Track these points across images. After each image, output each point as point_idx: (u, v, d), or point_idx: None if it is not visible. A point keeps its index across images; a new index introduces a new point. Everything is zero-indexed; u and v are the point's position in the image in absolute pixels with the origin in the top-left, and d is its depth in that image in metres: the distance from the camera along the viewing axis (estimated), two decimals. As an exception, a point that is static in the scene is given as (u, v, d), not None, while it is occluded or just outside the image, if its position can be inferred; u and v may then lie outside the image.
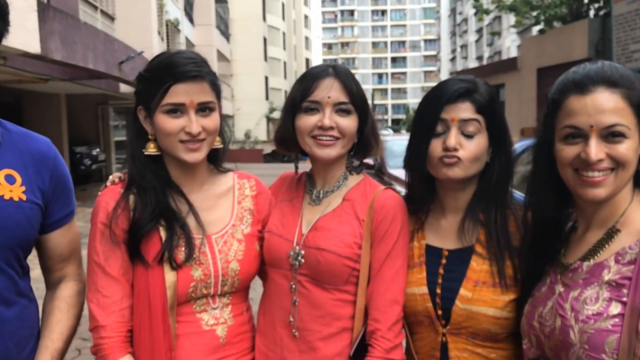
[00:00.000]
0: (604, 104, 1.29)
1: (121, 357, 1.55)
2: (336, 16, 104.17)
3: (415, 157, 1.66)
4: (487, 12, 13.20)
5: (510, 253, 1.58)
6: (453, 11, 69.83)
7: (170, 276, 1.58)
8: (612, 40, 10.35)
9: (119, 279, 1.59)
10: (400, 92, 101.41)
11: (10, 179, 1.51)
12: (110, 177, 1.73)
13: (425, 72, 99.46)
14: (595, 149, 1.29)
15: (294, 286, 1.67)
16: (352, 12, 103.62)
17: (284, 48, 55.17)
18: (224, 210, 1.74)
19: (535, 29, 12.94)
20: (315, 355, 1.63)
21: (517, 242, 1.60)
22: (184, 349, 1.61)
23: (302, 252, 1.66)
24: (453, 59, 72.30)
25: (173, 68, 1.57)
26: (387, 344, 1.57)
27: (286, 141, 1.75)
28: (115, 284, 1.59)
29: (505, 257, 1.58)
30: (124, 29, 15.70)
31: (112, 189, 1.67)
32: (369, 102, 1.76)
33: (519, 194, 1.84)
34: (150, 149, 1.65)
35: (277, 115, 49.21)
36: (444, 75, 74.55)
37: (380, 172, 9.41)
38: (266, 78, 47.60)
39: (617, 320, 1.24)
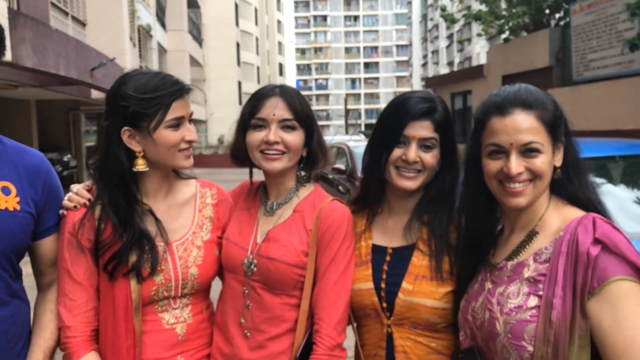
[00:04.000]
0: (521, 125, 1.46)
1: (85, 354, 1.68)
2: (309, 21, 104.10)
3: (376, 163, 1.81)
4: (454, 20, 13.54)
5: (448, 250, 1.75)
6: (424, 17, 70.60)
7: (135, 284, 1.71)
8: (572, 49, 10.76)
9: (84, 284, 1.72)
10: (373, 97, 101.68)
11: (5, 191, 1.64)
12: (75, 196, 1.77)
13: (398, 77, 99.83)
14: (515, 164, 1.46)
15: (246, 291, 1.80)
16: (324, 18, 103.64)
17: (257, 53, 55.10)
18: (185, 219, 1.85)
19: (503, 37, 13.29)
20: (263, 353, 1.76)
21: (454, 241, 1.76)
22: (146, 344, 1.74)
23: (255, 261, 1.78)
24: (424, 65, 73.04)
25: (170, 86, 1.70)
26: (330, 342, 1.69)
27: (238, 156, 1.87)
28: (80, 288, 1.72)
29: (444, 254, 1.75)
30: (96, 34, 15.65)
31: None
32: (343, 107, 1.91)
33: None
34: (141, 166, 1.73)
35: (250, 120, 48.87)
36: (416, 81, 75.29)
37: (351, 177, 9.55)
38: (239, 83, 47.46)
39: (534, 311, 1.40)
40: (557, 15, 12.86)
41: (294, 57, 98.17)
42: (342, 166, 10.11)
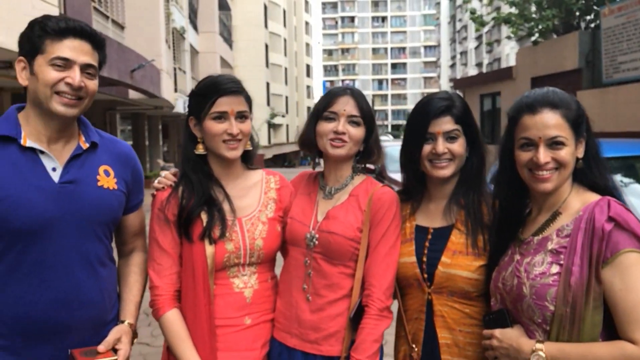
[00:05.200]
0: (549, 121, 1.71)
1: (169, 310, 2.00)
2: (337, 22, 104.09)
3: (410, 160, 2.11)
4: (483, 23, 13.63)
5: (482, 229, 2.00)
6: (453, 18, 70.20)
7: (209, 249, 2.00)
8: (602, 51, 10.82)
9: (169, 252, 2.04)
10: (400, 98, 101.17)
11: (106, 173, 1.99)
12: (163, 179, 2.13)
13: (425, 78, 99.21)
14: (543, 155, 1.70)
15: (308, 261, 2.09)
16: (352, 19, 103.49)
17: (285, 54, 55.40)
18: (253, 199, 2.16)
19: (532, 39, 13.28)
20: (322, 314, 2.05)
21: (487, 221, 2.01)
22: (219, 305, 2.03)
23: (317, 235, 2.08)
24: (453, 66, 72.61)
25: (218, 85, 2.03)
26: (380, 304, 1.98)
27: (307, 143, 2.18)
28: (166, 255, 2.04)
29: (478, 232, 2.00)
30: (133, 37, 16.08)
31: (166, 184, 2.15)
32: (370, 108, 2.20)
33: None
34: (199, 150, 2.09)
35: (278, 120, 49.33)
36: (444, 82, 74.86)
37: (380, 176, 9.81)
38: (267, 84, 47.80)
39: (555, 277, 1.66)
40: (587, 18, 12.87)
41: (321, 58, 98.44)
42: (371, 166, 10.36)
